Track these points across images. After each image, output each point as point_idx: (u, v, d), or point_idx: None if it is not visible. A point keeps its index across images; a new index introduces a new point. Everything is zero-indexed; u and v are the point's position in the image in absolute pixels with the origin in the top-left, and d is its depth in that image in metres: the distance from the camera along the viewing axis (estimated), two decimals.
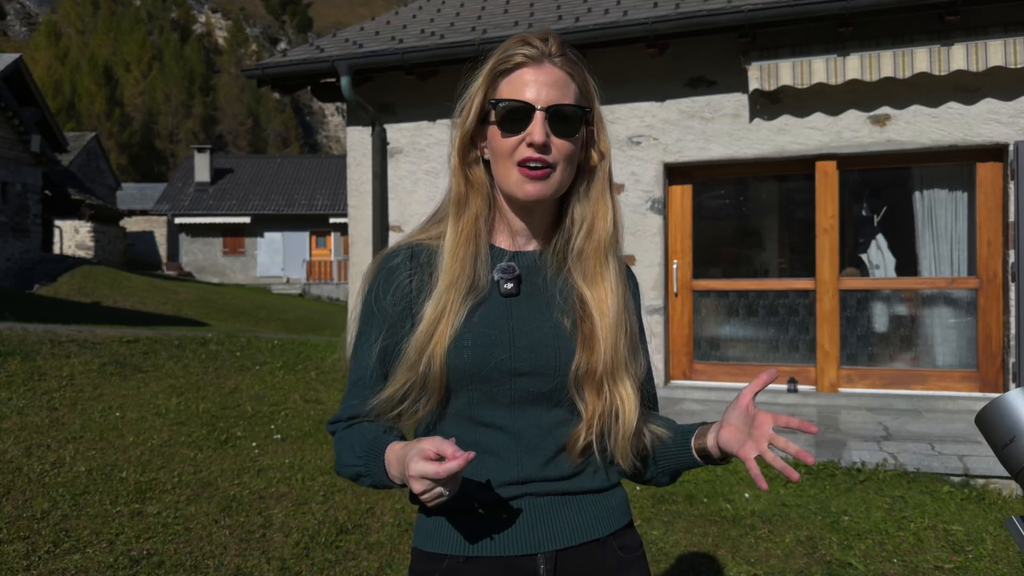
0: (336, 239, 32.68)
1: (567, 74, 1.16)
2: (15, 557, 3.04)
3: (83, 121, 68.55)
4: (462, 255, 1.16)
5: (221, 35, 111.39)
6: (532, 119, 1.12)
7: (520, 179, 1.13)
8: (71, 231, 24.48)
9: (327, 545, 3.35)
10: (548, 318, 1.18)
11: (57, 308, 12.57)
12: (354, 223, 7.15)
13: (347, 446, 1.17)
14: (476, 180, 1.20)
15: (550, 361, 1.15)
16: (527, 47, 1.15)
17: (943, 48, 5.28)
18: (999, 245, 5.59)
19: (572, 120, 1.14)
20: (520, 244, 1.23)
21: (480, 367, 1.14)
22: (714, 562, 3.29)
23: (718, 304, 6.35)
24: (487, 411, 1.16)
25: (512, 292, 1.18)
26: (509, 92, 1.14)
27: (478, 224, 1.18)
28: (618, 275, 1.20)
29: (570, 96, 1.15)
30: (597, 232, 1.19)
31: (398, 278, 1.19)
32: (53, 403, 5.23)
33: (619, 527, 1.21)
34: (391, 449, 1.10)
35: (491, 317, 1.16)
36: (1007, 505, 3.96)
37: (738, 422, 1.14)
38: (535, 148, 1.12)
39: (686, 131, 6.10)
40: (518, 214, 1.21)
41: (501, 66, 1.16)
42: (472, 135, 1.19)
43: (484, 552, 1.14)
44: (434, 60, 6.23)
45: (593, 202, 1.20)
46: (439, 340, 1.13)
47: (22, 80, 22.15)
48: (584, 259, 1.19)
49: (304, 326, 16.79)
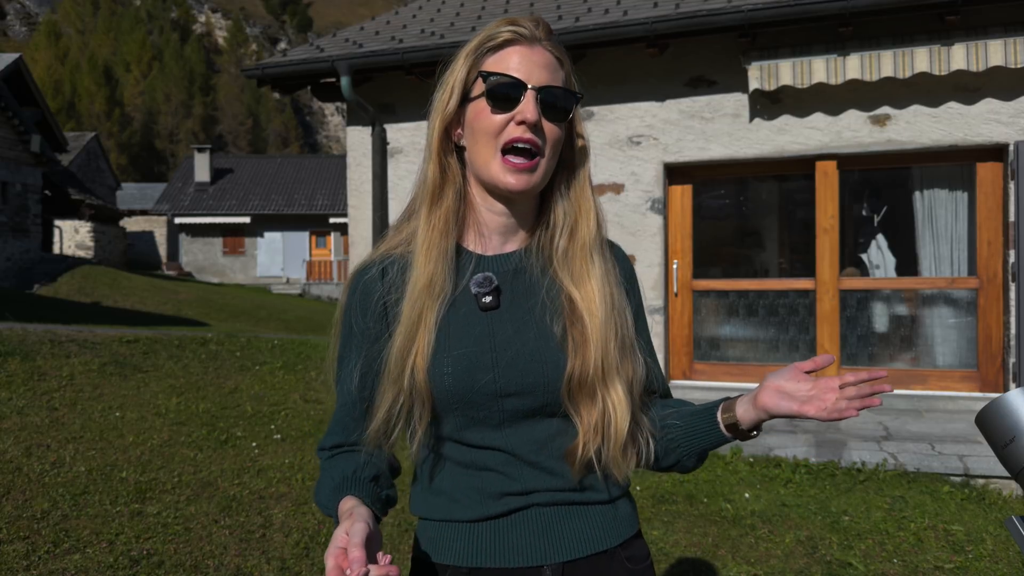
0: (336, 239, 32.68)
1: (556, 59, 1.11)
2: (15, 557, 3.04)
3: (83, 121, 68.55)
4: (435, 255, 1.09)
5: (221, 35, 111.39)
6: (523, 97, 1.05)
7: (502, 170, 1.07)
8: (71, 231, 24.48)
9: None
10: (534, 327, 1.11)
11: (57, 308, 12.56)
12: (354, 223, 7.15)
13: (321, 484, 1.12)
14: (451, 171, 1.13)
15: (538, 378, 1.09)
16: (517, 26, 1.09)
17: (943, 48, 5.27)
18: (999, 245, 5.59)
19: (563, 104, 1.09)
20: (494, 245, 1.15)
21: (463, 393, 1.07)
22: (714, 562, 3.29)
23: (718, 304, 6.35)
24: (477, 434, 1.10)
25: (492, 305, 1.11)
26: (499, 68, 1.07)
27: (448, 220, 1.11)
28: (605, 273, 1.13)
29: (559, 81, 1.10)
30: (581, 231, 1.14)
31: (372, 295, 1.13)
32: (53, 403, 5.23)
33: (627, 537, 1.16)
34: (341, 506, 1.04)
35: (470, 335, 1.09)
36: (1007, 505, 3.96)
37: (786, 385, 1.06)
38: (527, 126, 1.05)
39: (686, 131, 6.10)
40: (497, 206, 1.13)
41: (489, 43, 1.09)
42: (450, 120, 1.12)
43: (488, 563, 1.09)
44: (434, 60, 6.18)
45: (575, 200, 1.15)
46: (419, 350, 1.07)
47: (22, 80, 22.16)
48: (570, 258, 1.13)
49: (304, 326, 16.79)
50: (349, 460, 1.13)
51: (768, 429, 5.03)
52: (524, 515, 1.11)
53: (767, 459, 4.55)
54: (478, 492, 1.11)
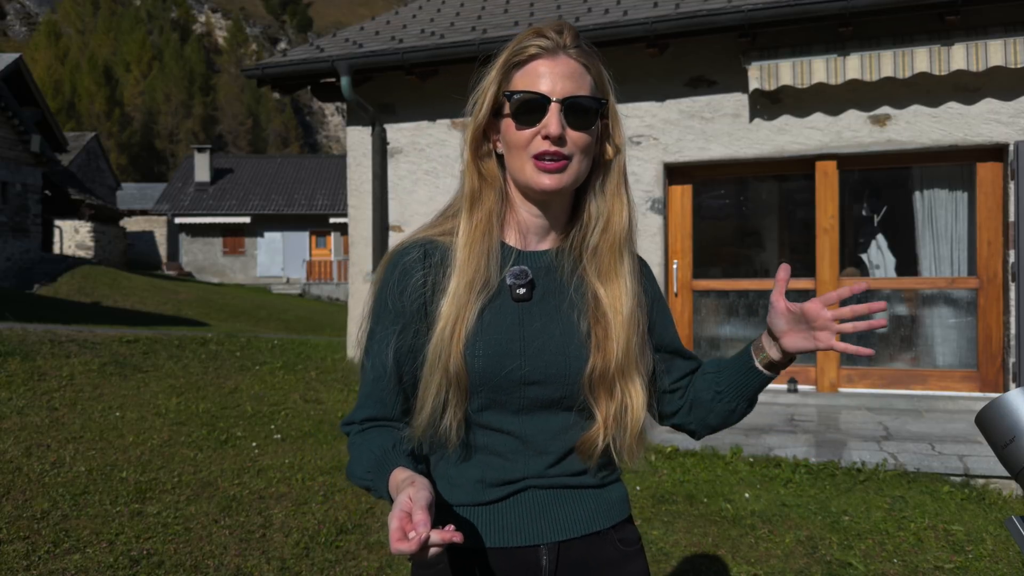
0: (336, 239, 32.67)
1: (582, 65, 1.15)
2: (15, 557, 3.04)
3: (83, 121, 68.54)
4: (477, 252, 1.15)
5: (221, 35, 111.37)
6: (548, 111, 1.11)
7: (535, 171, 1.13)
8: (71, 231, 24.47)
9: (327, 545, 3.35)
10: (561, 323, 1.17)
11: (57, 308, 12.57)
12: (354, 223, 7.15)
13: (357, 456, 1.15)
14: (489, 174, 1.19)
15: (561, 370, 1.15)
16: (541, 38, 1.14)
17: (943, 48, 5.27)
18: (999, 245, 5.59)
19: (588, 112, 1.13)
20: (532, 243, 1.21)
21: (491, 376, 1.13)
22: (714, 562, 3.28)
23: (718, 304, 6.35)
24: (495, 417, 1.16)
25: (524, 297, 1.17)
26: (524, 84, 1.13)
27: (491, 220, 1.17)
28: (632, 271, 1.20)
29: (585, 87, 1.14)
30: (613, 228, 1.18)
31: (412, 276, 1.17)
32: (53, 403, 5.23)
33: (619, 520, 1.23)
34: (394, 476, 1.07)
35: (503, 323, 1.15)
36: (1007, 505, 3.96)
37: (790, 324, 1.17)
38: (551, 140, 1.11)
39: (686, 131, 6.10)
40: (534, 208, 1.19)
41: (515, 58, 1.15)
42: (485, 129, 1.18)
43: (487, 543, 1.15)
44: (434, 60, 6.23)
45: (609, 197, 1.19)
46: (457, 341, 1.12)
47: (22, 80, 22.16)
48: (599, 256, 1.19)
49: (304, 326, 16.79)
50: (386, 434, 1.17)
51: (768, 429, 5.03)
52: (521, 498, 1.17)
53: (767, 459, 4.55)
54: (480, 483, 1.17)
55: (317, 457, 4.59)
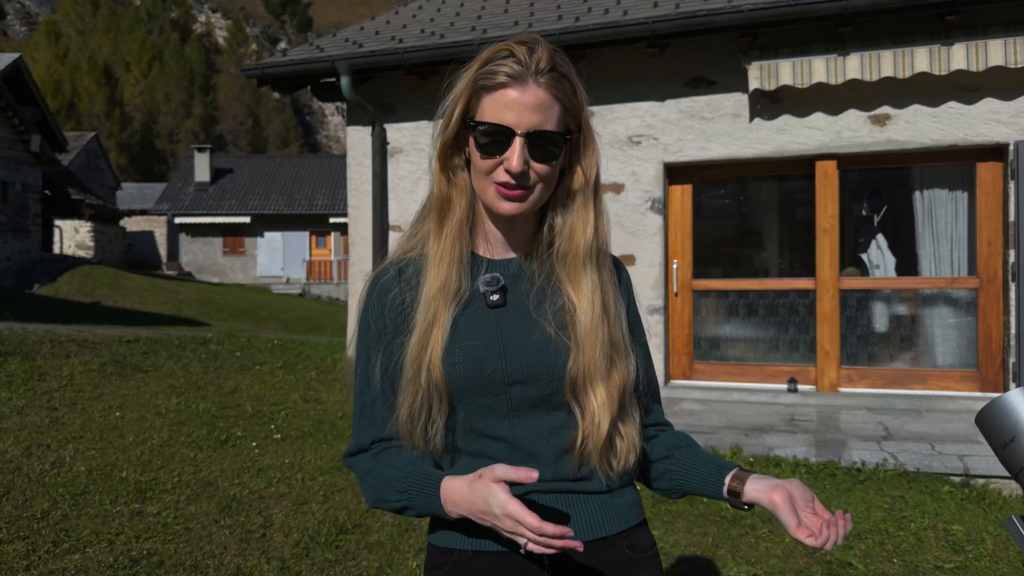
0: (336, 239, 32.68)
1: (551, 96, 1.12)
2: (15, 557, 3.04)
3: (83, 121, 68.52)
4: (447, 261, 1.16)
5: (221, 35, 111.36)
6: (511, 144, 1.10)
7: (496, 197, 1.14)
8: (71, 231, 24.47)
9: (327, 545, 3.35)
10: (537, 324, 1.18)
11: (57, 308, 12.57)
12: (354, 223, 7.15)
13: (382, 480, 1.16)
14: (460, 182, 1.20)
15: (543, 366, 1.16)
16: (513, 62, 1.10)
17: (943, 48, 5.27)
18: (999, 245, 5.59)
19: (552, 146, 1.12)
20: (499, 252, 1.23)
21: (474, 380, 1.15)
22: (714, 562, 3.29)
23: (718, 304, 6.35)
24: (486, 423, 1.17)
25: (499, 303, 1.18)
26: (490, 112, 1.11)
27: (461, 229, 1.19)
28: (595, 284, 1.19)
29: (552, 120, 1.12)
30: (575, 240, 1.19)
31: (390, 293, 1.20)
32: (53, 403, 5.23)
33: (629, 526, 1.22)
34: (448, 486, 1.09)
35: (479, 328, 1.17)
36: (1007, 505, 3.96)
37: (800, 507, 1.11)
38: (511, 175, 1.11)
39: (686, 131, 6.10)
40: (497, 224, 1.21)
41: (484, 80, 1.12)
42: (456, 138, 1.18)
43: (491, 547, 1.16)
44: (434, 60, 6.23)
45: (573, 214, 1.20)
46: (433, 348, 1.13)
47: (22, 80, 22.18)
48: (568, 264, 1.19)
49: (304, 326, 16.79)
50: (402, 453, 1.18)
51: (768, 429, 5.03)
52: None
53: (767, 459, 4.55)
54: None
55: (317, 457, 4.59)
